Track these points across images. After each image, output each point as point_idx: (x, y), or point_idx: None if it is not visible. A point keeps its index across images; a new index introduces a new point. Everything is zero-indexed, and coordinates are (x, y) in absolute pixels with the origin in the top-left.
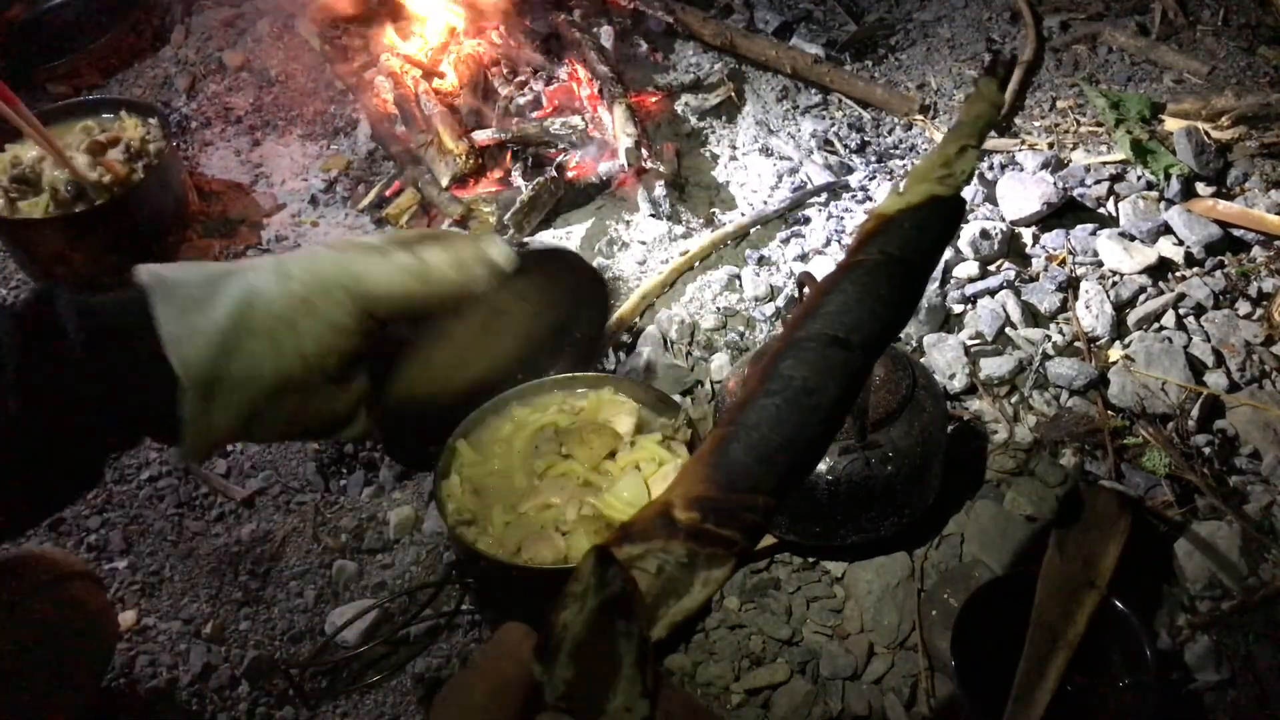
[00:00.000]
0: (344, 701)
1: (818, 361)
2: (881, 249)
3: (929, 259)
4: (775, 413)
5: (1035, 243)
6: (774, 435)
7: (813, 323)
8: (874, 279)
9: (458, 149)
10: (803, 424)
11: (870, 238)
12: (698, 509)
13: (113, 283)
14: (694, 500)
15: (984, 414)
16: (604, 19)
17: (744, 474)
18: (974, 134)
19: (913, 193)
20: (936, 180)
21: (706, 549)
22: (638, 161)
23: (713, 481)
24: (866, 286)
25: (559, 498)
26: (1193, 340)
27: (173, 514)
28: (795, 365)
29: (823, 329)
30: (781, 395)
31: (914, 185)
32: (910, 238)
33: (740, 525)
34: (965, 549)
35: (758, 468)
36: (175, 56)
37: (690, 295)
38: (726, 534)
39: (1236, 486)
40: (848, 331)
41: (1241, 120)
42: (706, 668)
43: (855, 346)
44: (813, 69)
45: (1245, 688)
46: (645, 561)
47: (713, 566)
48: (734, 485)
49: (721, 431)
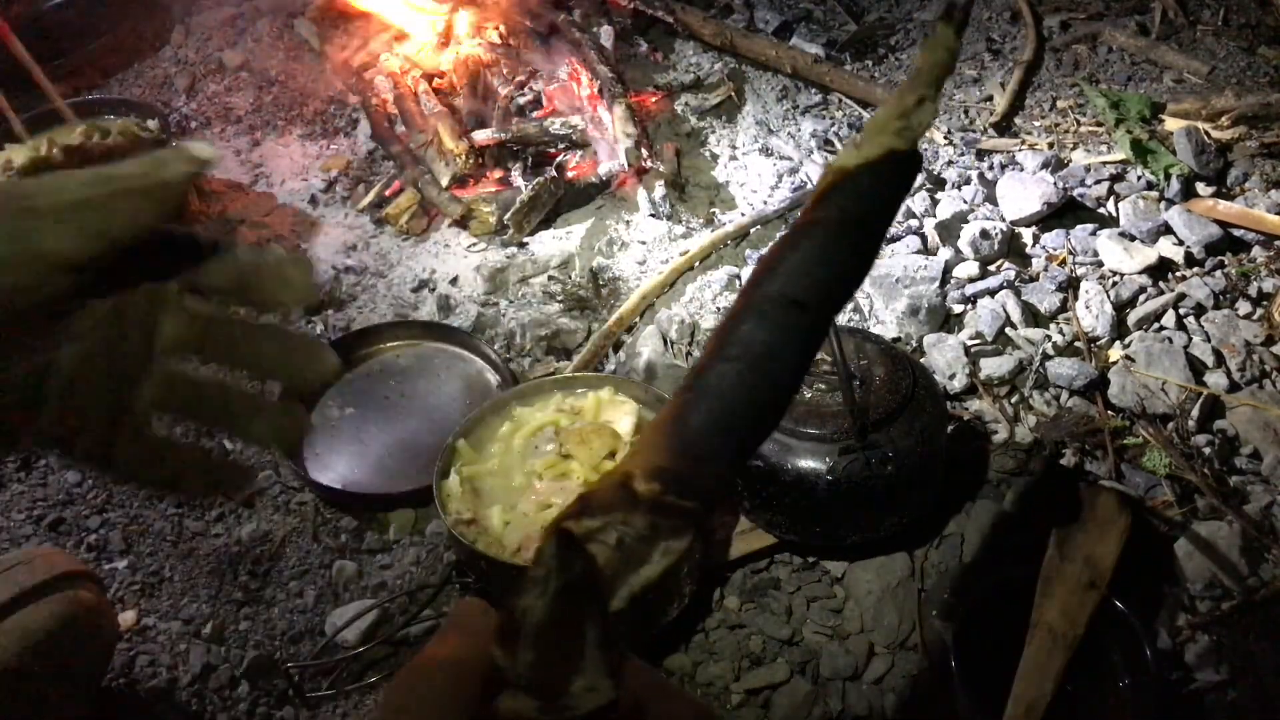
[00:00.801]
0: (344, 701)
1: (776, 325)
2: (839, 206)
3: (886, 215)
4: (736, 379)
5: (1035, 243)
6: (734, 402)
7: (770, 283)
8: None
9: (458, 149)
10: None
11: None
12: (659, 480)
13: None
14: (654, 471)
15: (984, 414)
16: (604, 19)
17: (704, 442)
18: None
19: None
20: (894, 133)
21: (667, 520)
22: (638, 161)
23: (672, 451)
24: (824, 246)
25: (559, 498)
26: (1193, 340)
27: (173, 514)
28: (754, 329)
29: (781, 290)
30: (742, 360)
31: (871, 138)
32: (867, 194)
33: (700, 494)
34: (965, 549)
35: (718, 436)
36: (175, 56)
37: (690, 295)
38: (687, 505)
39: (1236, 486)
40: (806, 293)
41: (1241, 120)
42: (706, 668)
43: (813, 308)
44: (813, 69)
45: (1245, 688)
46: (605, 534)
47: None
48: (694, 454)
49: (680, 398)
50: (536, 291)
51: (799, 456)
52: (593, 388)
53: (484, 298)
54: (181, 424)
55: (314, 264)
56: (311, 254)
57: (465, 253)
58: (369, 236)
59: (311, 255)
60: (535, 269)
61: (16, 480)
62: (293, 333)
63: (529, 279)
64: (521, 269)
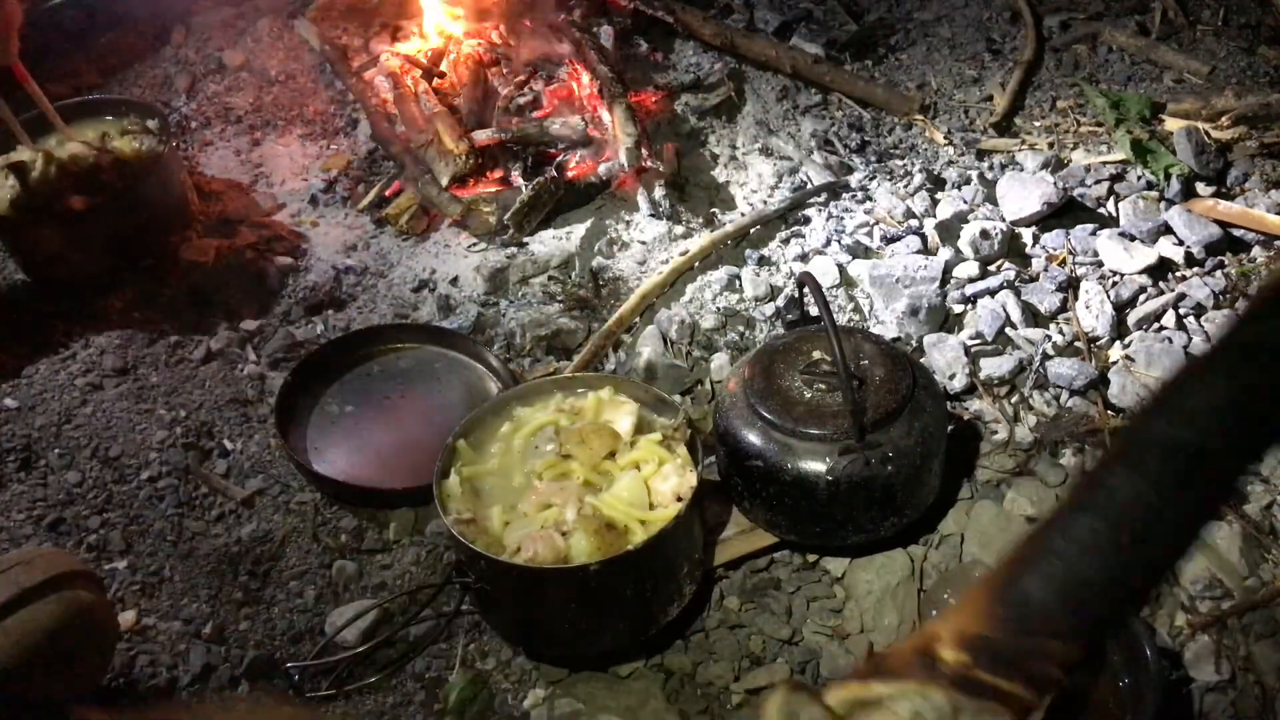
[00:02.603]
0: (344, 701)
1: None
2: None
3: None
4: (1092, 538)
5: (1035, 243)
6: (1087, 566)
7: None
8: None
9: (458, 149)
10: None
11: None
12: (969, 650)
13: (112, 283)
14: (967, 639)
15: (984, 414)
16: (604, 19)
17: (1039, 612)
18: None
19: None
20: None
21: (974, 701)
22: (638, 161)
23: (995, 617)
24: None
25: (559, 498)
26: (1193, 340)
27: (173, 514)
28: (1127, 476)
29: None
30: (1102, 514)
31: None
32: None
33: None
34: (965, 549)
35: (1058, 606)
36: (175, 56)
37: (690, 295)
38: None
39: (1236, 486)
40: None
41: (1241, 120)
42: (706, 668)
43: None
44: (813, 69)
45: (1245, 688)
46: (897, 704)
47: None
48: (1024, 626)
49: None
50: (536, 291)
51: (799, 456)
52: (593, 388)
53: (484, 298)
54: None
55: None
56: (312, 254)
57: (465, 253)
58: (369, 236)
59: (312, 255)
60: (535, 269)
61: (16, 480)
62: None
63: (529, 279)
64: (521, 269)
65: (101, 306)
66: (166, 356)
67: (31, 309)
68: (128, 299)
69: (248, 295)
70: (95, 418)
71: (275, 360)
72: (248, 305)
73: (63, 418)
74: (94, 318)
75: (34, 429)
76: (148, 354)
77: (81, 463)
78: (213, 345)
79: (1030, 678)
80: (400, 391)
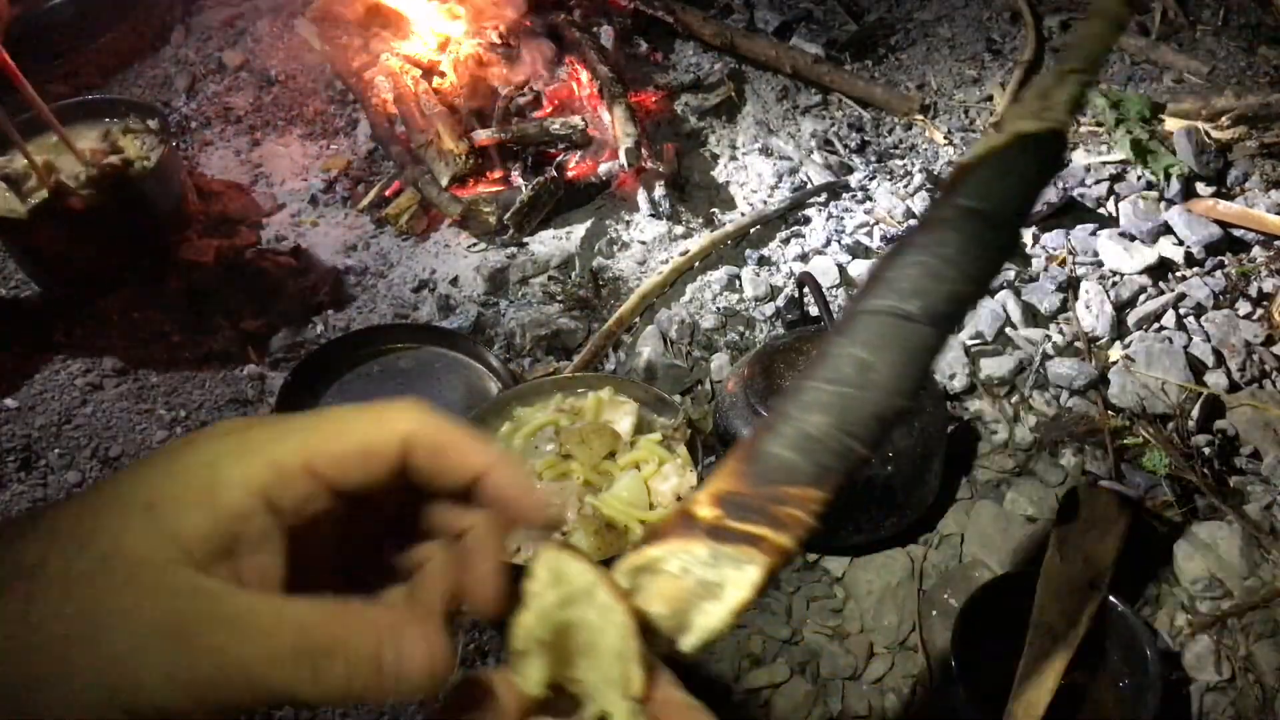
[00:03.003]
0: None
1: (874, 337)
2: (955, 202)
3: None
4: (818, 397)
5: (1035, 243)
6: (816, 422)
7: (872, 294)
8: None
9: (458, 149)
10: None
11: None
12: (721, 505)
13: (112, 283)
14: (719, 496)
15: (984, 414)
16: (604, 19)
17: (777, 466)
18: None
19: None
20: (1029, 115)
21: (728, 546)
22: (638, 161)
23: (741, 475)
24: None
25: (558, 498)
26: (1193, 340)
27: None
28: (847, 343)
29: (882, 300)
30: (827, 378)
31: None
32: (989, 185)
33: (769, 520)
34: (965, 549)
35: (794, 458)
36: (175, 56)
37: (690, 295)
38: (753, 530)
39: (1236, 486)
40: (909, 300)
41: (1241, 120)
42: (706, 668)
43: (919, 317)
44: (813, 69)
45: (1245, 688)
46: (668, 563)
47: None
48: (766, 478)
49: (761, 424)
50: (536, 291)
51: None
52: (593, 388)
53: (484, 298)
54: None
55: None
56: (312, 254)
57: (465, 253)
58: (369, 236)
59: (312, 255)
60: (535, 269)
61: (16, 480)
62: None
63: (529, 279)
64: (521, 269)
65: (101, 306)
66: (166, 356)
67: (31, 309)
68: (127, 299)
69: (248, 295)
70: (95, 418)
71: (275, 360)
72: (248, 305)
73: (63, 418)
74: (94, 318)
75: (34, 429)
76: (148, 354)
77: (81, 463)
78: (213, 345)
79: (774, 520)
80: (400, 392)
